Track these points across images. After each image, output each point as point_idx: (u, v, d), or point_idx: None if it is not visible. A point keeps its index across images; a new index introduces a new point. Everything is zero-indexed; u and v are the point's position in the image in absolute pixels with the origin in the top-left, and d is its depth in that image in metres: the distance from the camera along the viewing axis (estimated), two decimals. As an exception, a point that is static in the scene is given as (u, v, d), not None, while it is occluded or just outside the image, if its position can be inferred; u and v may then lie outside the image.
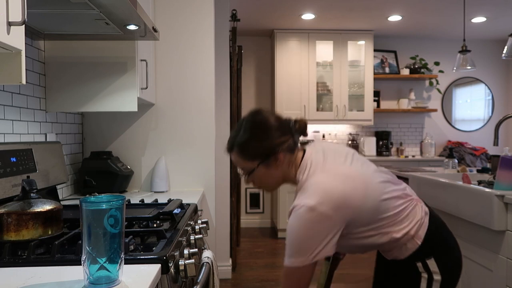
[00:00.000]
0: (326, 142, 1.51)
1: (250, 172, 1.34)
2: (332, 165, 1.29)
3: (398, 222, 1.29)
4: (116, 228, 0.90)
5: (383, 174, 1.41)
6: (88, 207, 0.89)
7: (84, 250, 0.89)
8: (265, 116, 1.34)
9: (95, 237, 0.89)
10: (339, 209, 1.19)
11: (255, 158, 1.32)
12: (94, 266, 0.89)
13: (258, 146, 1.31)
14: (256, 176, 1.35)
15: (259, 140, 1.31)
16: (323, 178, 1.24)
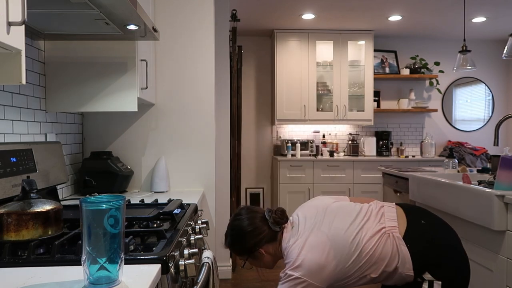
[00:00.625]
0: (302, 209, 1.67)
1: (245, 262, 1.65)
2: (304, 238, 1.49)
3: (373, 265, 1.46)
4: (116, 228, 0.90)
5: (358, 218, 1.53)
6: (88, 207, 0.89)
7: (84, 250, 0.89)
8: (244, 221, 1.62)
9: (95, 237, 0.89)
10: (316, 275, 1.42)
11: (242, 255, 1.63)
12: (94, 266, 0.89)
13: (240, 247, 1.63)
14: (251, 263, 1.64)
15: (240, 244, 1.62)
16: (299, 252, 1.46)
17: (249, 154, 5.51)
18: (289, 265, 1.46)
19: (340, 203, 1.62)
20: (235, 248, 1.65)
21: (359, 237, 1.47)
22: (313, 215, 1.58)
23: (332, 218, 1.54)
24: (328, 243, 1.46)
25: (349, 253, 1.45)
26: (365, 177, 4.95)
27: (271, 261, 1.63)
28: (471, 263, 2.20)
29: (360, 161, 4.96)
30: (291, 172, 4.87)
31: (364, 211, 1.56)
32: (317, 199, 1.68)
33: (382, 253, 1.45)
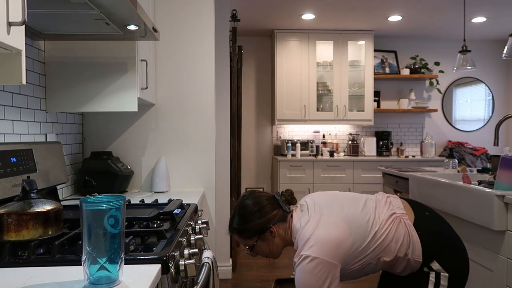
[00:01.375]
0: (310, 196, 1.65)
1: (252, 247, 1.55)
2: (316, 219, 1.46)
3: (387, 247, 1.44)
4: (116, 228, 0.90)
5: (368, 204, 1.53)
6: (88, 207, 0.89)
7: (84, 250, 0.89)
8: (253, 200, 1.57)
9: (95, 237, 0.89)
10: (332, 253, 1.37)
11: (252, 236, 1.54)
12: (94, 266, 0.89)
13: (251, 227, 1.53)
14: (258, 250, 1.55)
15: (251, 222, 1.53)
16: (313, 231, 1.42)
17: (249, 154, 5.51)
18: (303, 246, 1.40)
19: (345, 192, 1.63)
20: (245, 228, 1.54)
21: (374, 218, 1.45)
22: (323, 200, 1.55)
23: (342, 202, 1.52)
24: (342, 221, 1.43)
25: (365, 232, 1.42)
26: (365, 177, 4.95)
27: (280, 245, 1.55)
28: (472, 263, 2.20)
29: (360, 161, 4.96)
30: (291, 172, 4.87)
31: (372, 198, 1.57)
32: (321, 192, 1.68)
33: (395, 236, 1.43)
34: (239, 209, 1.57)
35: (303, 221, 1.48)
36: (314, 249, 1.36)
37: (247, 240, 1.55)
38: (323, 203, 1.52)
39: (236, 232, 1.57)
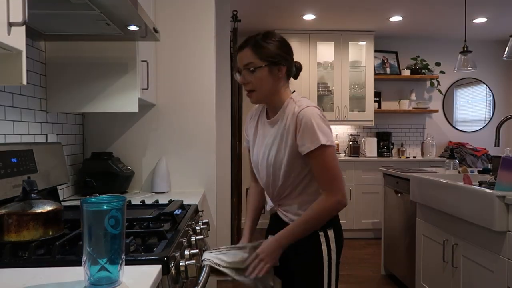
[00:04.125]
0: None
1: (254, 69, 1.44)
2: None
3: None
4: (117, 229, 0.90)
5: None
6: (88, 208, 0.89)
7: (84, 251, 0.89)
8: (284, 38, 1.53)
9: (96, 238, 0.89)
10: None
11: (265, 58, 1.44)
12: (94, 267, 0.89)
13: (272, 51, 1.45)
14: (257, 76, 1.44)
15: (274, 47, 1.46)
16: (318, 122, 1.43)
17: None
18: (305, 104, 1.42)
19: None
20: (264, 46, 1.44)
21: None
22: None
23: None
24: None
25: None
26: (366, 177, 4.95)
27: (273, 89, 1.47)
28: (472, 264, 2.20)
29: (361, 162, 4.96)
30: (292, 173, 4.86)
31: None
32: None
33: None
34: (268, 31, 1.49)
35: (302, 98, 1.51)
36: (328, 139, 1.41)
37: (256, 59, 1.43)
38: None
39: (253, 43, 1.45)
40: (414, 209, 2.93)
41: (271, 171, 1.50)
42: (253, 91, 1.47)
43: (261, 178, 1.58)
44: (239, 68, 1.48)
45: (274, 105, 1.52)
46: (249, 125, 1.65)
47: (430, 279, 2.72)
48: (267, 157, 1.50)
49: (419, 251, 2.86)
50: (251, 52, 1.45)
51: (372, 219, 4.95)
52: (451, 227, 2.41)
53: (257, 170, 1.59)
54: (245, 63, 1.45)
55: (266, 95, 1.49)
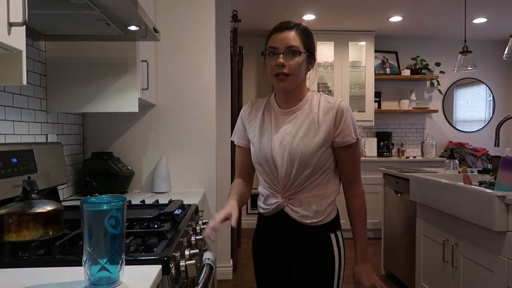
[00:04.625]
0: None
1: (300, 53, 1.40)
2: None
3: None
4: (117, 229, 0.90)
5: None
6: (88, 208, 0.89)
7: (85, 251, 0.89)
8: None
9: (96, 238, 0.89)
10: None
11: (307, 48, 1.44)
12: (95, 267, 0.89)
13: (313, 44, 1.47)
14: (297, 61, 1.40)
15: (313, 42, 1.48)
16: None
17: (249, 154, 5.50)
18: (350, 131, 1.42)
19: None
20: (310, 37, 1.46)
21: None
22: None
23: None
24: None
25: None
26: (366, 177, 4.94)
27: (303, 78, 1.47)
28: (472, 264, 2.20)
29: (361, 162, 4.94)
30: (292, 173, 4.86)
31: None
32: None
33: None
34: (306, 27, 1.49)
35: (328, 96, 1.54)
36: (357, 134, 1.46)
37: (300, 45, 1.41)
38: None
39: (300, 29, 1.43)
40: (414, 209, 2.93)
41: (297, 158, 1.40)
42: (288, 75, 1.40)
43: (270, 169, 1.46)
44: (277, 49, 1.40)
45: (296, 95, 1.48)
46: (249, 118, 1.56)
47: (430, 279, 2.72)
48: (290, 144, 1.42)
49: (419, 251, 2.86)
50: (298, 37, 1.42)
51: (372, 219, 4.94)
52: (451, 227, 2.41)
53: (266, 162, 1.46)
54: (290, 44, 1.40)
55: (297, 83, 1.45)
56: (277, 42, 1.41)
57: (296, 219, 1.45)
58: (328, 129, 1.41)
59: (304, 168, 1.41)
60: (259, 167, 1.51)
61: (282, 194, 1.46)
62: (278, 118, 1.49)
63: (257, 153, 1.49)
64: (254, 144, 1.51)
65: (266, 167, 1.48)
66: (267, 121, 1.51)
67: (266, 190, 1.52)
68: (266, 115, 1.52)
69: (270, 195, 1.50)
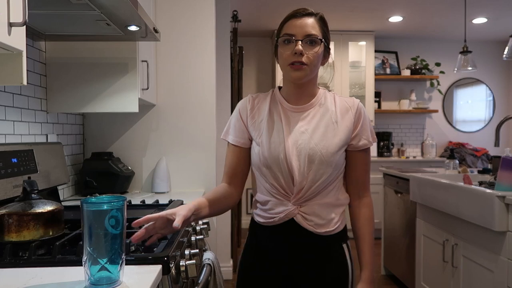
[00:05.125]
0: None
1: (321, 41, 1.30)
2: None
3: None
4: (117, 229, 0.90)
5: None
6: (89, 207, 0.89)
7: (85, 251, 0.89)
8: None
9: (96, 237, 0.89)
10: None
11: (325, 38, 1.33)
12: (95, 267, 0.89)
13: (329, 33, 1.37)
14: (315, 51, 1.29)
15: (329, 31, 1.37)
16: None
17: (250, 155, 5.50)
18: (369, 132, 1.33)
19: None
20: (326, 25, 1.34)
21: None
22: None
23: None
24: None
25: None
26: (366, 178, 4.94)
27: (316, 73, 1.38)
28: (472, 264, 2.20)
29: (361, 162, 4.94)
30: (292, 173, 4.86)
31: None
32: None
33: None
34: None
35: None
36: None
37: (319, 33, 1.30)
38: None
39: (319, 17, 1.32)
40: (414, 209, 2.93)
41: (316, 160, 1.26)
42: (305, 64, 1.27)
43: (282, 172, 1.27)
44: (294, 36, 1.27)
45: (309, 91, 1.36)
46: (251, 114, 1.37)
47: (430, 279, 2.72)
48: (307, 144, 1.27)
49: (419, 251, 2.87)
50: (318, 25, 1.30)
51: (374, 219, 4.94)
52: (451, 227, 2.41)
53: (277, 164, 1.28)
54: (309, 32, 1.27)
55: (313, 75, 1.34)
56: (295, 29, 1.27)
57: (308, 229, 1.27)
58: (348, 129, 1.30)
59: (323, 171, 1.26)
60: (266, 170, 1.30)
61: (294, 200, 1.28)
62: (289, 116, 1.33)
63: (265, 153, 1.29)
64: (261, 143, 1.31)
65: (277, 170, 1.28)
66: (275, 118, 1.34)
67: (270, 197, 1.31)
68: (274, 111, 1.35)
69: (276, 202, 1.30)
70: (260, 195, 1.35)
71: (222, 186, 1.37)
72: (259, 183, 1.35)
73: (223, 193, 1.35)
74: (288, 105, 1.35)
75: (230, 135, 1.38)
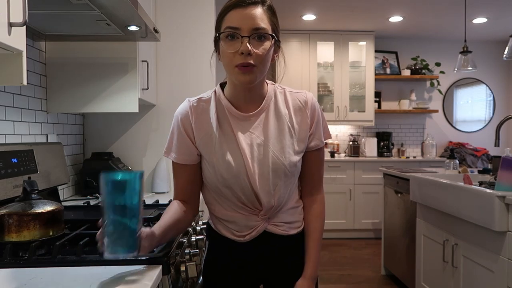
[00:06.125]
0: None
1: (266, 38, 1.13)
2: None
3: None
4: (137, 201, 0.93)
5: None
6: (114, 177, 0.91)
7: (107, 219, 0.91)
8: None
9: (120, 208, 0.91)
10: None
11: (275, 32, 1.18)
12: (114, 233, 0.92)
13: (278, 23, 1.22)
14: (265, 47, 1.12)
15: (278, 21, 1.23)
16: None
17: (250, 155, 5.50)
18: (322, 134, 1.24)
19: None
20: (275, 14, 1.21)
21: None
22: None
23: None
24: None
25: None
26: (366, 178, 4.95)
27: (268, 69, 1.20)
28: (472, 264, 2.20)
29: (361, 162, 4.96)
30: (292, 173, 4.86)
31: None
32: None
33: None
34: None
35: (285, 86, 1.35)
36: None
37: (268, 27, 1.15)
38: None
39: (268, 6, 1.18)
40: (414, 209, 2.93)
41: (282, 173, 1.17)
42: (254, 65, 1.10)
43: (244, 192, 1.16)
44: (239, 30, 1.09)
45: (258, 93, 1.21)
46: (197, 127, 1.18)
47: (430, 279, 2.72)
48: (268, 158, 1.16)
49: (419, 251, 2.87)
50: (266, 16, 1.14)
51: (372, 219, 4.94)
52: (451, 227, 2.41)
53: (238, 183, 1.16)
54: (259, 25, 1.10)
55: (263, 75, 1.18)
56: (239, 22, 1.08)
57: (282, 234, 1.23)
58: (305, 133, 1.21)
59: (287, 183, 1.19)
60: (226, 190, 1.17)
61: (262, 215, 1.20)
62: (239, 125, 1.18)
63: (223, 174, 1.15)
64: (217, 163, 1.16)
65: (238, 190, 1.16)
66: (226, 129, 1.18)
67: (234, 213, 1.20)
68: (223, 121, 1.18)
69: (243, 217, 1.20)
70: (221, 211, 1.22)
71: (176, 205, 1.20)
72: (217, 198, 1.22)
73: (182, 211, 1.20)
74: (237, 112, 1.18)
75: (174, 152, 1.20)
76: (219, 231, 1.25)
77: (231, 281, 1.26)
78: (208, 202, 1.27)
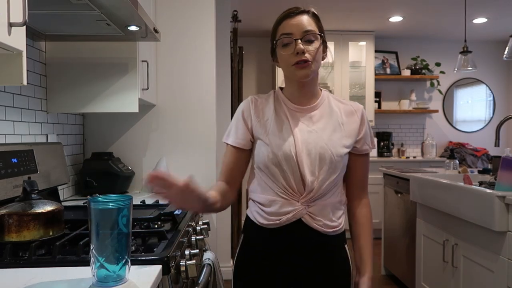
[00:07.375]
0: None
1: (316, 38, 1.27)
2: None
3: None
4: (127, 228, 0.92)
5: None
6: (99, 206, 0.89)
7: (93, 250, 0.90)
8: None
9: (105, 237, 0.90)
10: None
11: (321, 31, 1.31)
12: (102, 265, 0.90)
13: (323, 27, 1.34)
14: (315, 46, 1.27)
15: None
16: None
17: (250, 155, 5.50)
18: (370, 140, 1.36)
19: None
20: (319, 20, 1.33)
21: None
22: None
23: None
24: None
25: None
26: (366, 178, 4.94)
27: (317, 74, 1.35)
28: (472, 264, 2.20)
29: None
30: (292, 173, 4.86)
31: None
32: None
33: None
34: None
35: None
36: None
37: (316, 29, 1.29)
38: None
39: (312, 14, 1.32)
40: (414, 209, 2.93)
41: (327, 159, 1.25)
42: (309, 61, 1.24)
43: (292, 170, 1.24)
44: (292, 35, 1.26)
45: (312, 91, 1.35)
46: (255, 114, 1.33)
47: (430, 279, 2.72)
48: (317, 143, 1.25)
49: (419, 251, 2.87)
50: (313, 21, 1.29)
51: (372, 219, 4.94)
52: (451, 227, 2.41)
53: (287, 161, 1.24)
54: (306, 29, 1.26)
55: (317, 71, 1.32)
56: (291, 28, 1.27)
57: (317, 229, 1.26)
58: (354, 132, 1.32)
59: (332, 171, 1.26)
60: (275, 169, 1.26)
61: (303, 200, 1.25)
62: (295, 116, 1.31)
63: (274, 150, 1.25)
64: (269, 141, 1.27)
65: (286, 168, 1.24)
66: (281, 116, 1.32)
67: (275, 197, 1.27)
68: (279, 111, 1.33)
69: (283, 202, 1.26)
70: (263, 196, 1.29)
71: (222, 184, 1.33)
72: (262, 183, 1.30)
73: (227, 188, 1.32)
74: (293, 105, 1.33)
75: (231, 137, 1.35)
76: (256, 219, 1.31)
77: (257, 271, 1.33)
78: (251, 191, 1.36)
